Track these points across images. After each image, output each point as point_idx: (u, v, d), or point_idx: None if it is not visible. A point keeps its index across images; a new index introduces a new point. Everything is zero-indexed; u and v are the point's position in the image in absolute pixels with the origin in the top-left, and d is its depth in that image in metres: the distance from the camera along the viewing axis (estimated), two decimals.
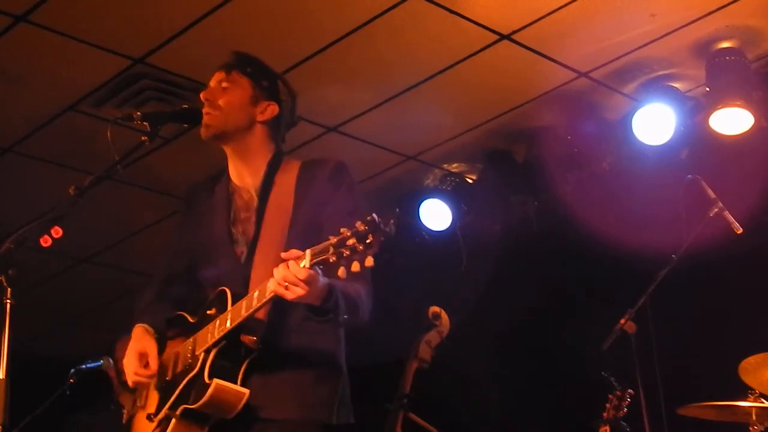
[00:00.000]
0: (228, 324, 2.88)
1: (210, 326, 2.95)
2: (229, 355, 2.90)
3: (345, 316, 2.87)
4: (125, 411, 4.74)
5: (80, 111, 5.41)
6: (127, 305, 8.15)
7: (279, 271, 2.70)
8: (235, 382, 2.87)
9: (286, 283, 2.68)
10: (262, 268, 2.95)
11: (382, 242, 2.56)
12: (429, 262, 6.30)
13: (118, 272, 7.25)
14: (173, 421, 2.91)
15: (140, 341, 3.11)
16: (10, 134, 5.64)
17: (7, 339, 2.75)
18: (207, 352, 2.91)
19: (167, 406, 2.96)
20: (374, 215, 2.57)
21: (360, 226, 2.55)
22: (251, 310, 2.84)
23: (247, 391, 2.86)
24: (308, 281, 2.68)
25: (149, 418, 3.04)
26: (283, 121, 3.21)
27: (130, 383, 3.11)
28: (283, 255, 2.72)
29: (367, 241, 2.54)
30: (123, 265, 7.16)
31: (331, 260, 2.60)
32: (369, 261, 2.56)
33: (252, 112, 3.14)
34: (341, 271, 2.59)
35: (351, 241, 2.55)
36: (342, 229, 2.59)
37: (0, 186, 6.05)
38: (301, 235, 2.95)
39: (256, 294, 2.84)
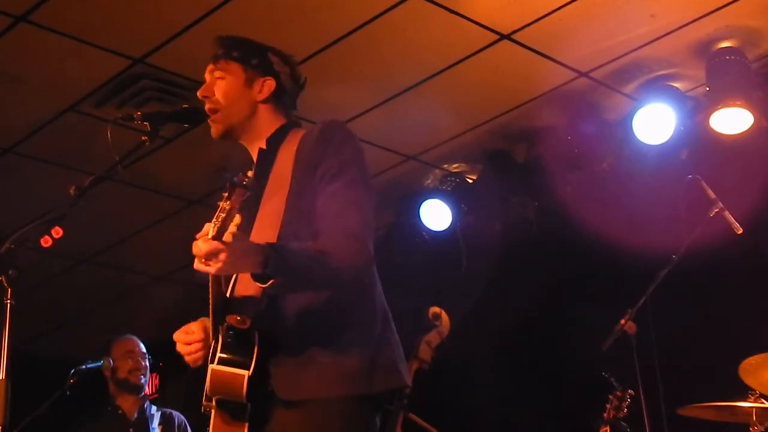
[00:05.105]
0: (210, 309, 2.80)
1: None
2: (232, 340, 2.75)
3: (308, 276, 2.71)
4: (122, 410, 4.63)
5: (80, 111, 5.41)
6: (127, 305, 8.19)
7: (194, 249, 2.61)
8: (247, 368, 2.70)
9: (203, 259, 2.56)
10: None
11: (244, 197, 2.51)
12: (429, 262, 6.30)
13: (118, 272, 7.26)
14: (212, 412, 2.77)
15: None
16: (10, 134, 5.64)
17: (7, 339, 2.75)
18: (215, 338, 2.79)
19: (204, 396, 2.82)
20: (228, 175, 2.52)
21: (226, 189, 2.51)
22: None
23: (245, 372, 2.69)
24: (216, 251, 2.53)
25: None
26: (288, 91, 3.11)
27: (190, 362, 2.91)
28: (197, 235, 2.62)
29: (230, 201, 2.50)
30: (123, 265, 7.17)
31: (219, 226, 2.51)
32: (237, 219, 2.49)
33: (250, 94, 3.04)
34: (227, 235, 2.50)
35: (225, 204, 2.50)
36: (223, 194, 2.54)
37: (0, 186, 6.06)
38: (297, 204, 2.86)
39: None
